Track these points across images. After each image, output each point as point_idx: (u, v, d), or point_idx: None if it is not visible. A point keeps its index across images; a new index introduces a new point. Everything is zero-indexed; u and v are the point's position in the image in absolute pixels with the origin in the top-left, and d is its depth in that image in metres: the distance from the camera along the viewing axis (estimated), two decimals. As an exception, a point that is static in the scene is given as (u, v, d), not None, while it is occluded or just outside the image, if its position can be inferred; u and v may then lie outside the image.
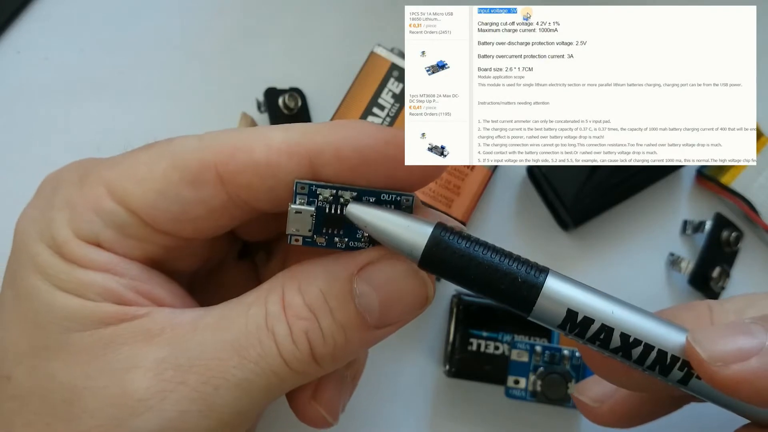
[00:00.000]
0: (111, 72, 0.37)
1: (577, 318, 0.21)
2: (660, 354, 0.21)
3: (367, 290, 0.22)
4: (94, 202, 0.22)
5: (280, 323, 0.22)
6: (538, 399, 0.33)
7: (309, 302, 0.22)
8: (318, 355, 0.22)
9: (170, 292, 0.23)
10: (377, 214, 0.22)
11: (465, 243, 0.21)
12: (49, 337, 0.22)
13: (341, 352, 0.23)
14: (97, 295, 0.22)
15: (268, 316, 0.22)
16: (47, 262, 0.22)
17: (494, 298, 0.22)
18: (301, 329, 0.22)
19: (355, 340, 0.23)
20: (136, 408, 0.21)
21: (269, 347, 0.22)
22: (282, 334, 0.22)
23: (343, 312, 0.22)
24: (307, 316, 0.22)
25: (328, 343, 0.22)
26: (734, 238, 0.36)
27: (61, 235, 0.22)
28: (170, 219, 0.22)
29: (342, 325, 0.22)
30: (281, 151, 0.22)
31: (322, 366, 0.22)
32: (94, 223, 0.22)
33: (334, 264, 0.23)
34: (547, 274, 0.22)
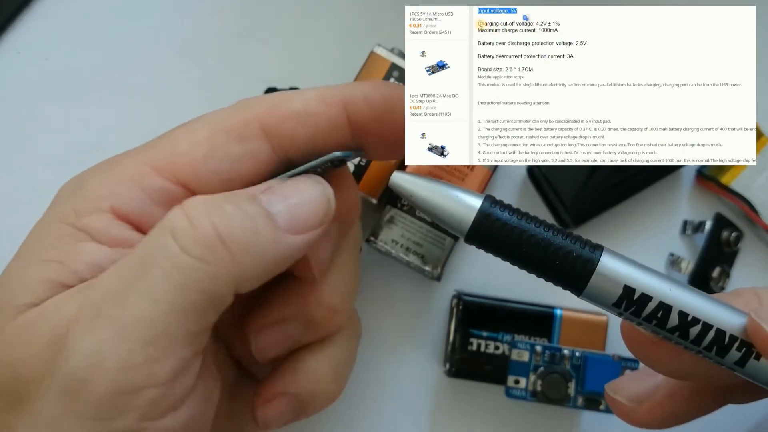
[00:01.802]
0: (111, 72, 0.37)
1: (635, 295, 0.20)
2: (718, 334, 0.20)
3: (273, 198, 0.22)
4: (140, 180, 0.22)
5: (178, 217, 0.20)
6: (538, 399, 0.33)
7: (213, 200, 0.21)
8: (225, 237, 0.20)
9: None
10: (423, 184, 0.21)
11: (516, 216, 0.21)
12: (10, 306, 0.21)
13: (252, 242, 0.21)
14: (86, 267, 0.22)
15: (167, 220, 0.21)
16: (61, 233, 0.22)
17: (546, 274, 0.21)
18: (203, 213, 0.20)
19: (268, 235, 0.21)
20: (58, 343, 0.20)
21: (167, 242, 0.20)
22: (180, 226, 0.20)
23: (250, 204, 0.21)
24: (209, 209, 0.21)
25: (234, 222, 0.20)
26: (734, 238, 0.36)
27: (88, 205, 0.22)
28: (220, 180, 0.23)
29: (250, 214, 0.21)
30: (318, 101, 0.23)
31: (234, 255, 0.20)
32: (140, 200, 0.22)
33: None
34: (602, 250, 0.21)
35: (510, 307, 0.34)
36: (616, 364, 0.33)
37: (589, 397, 0.33)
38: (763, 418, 0.34)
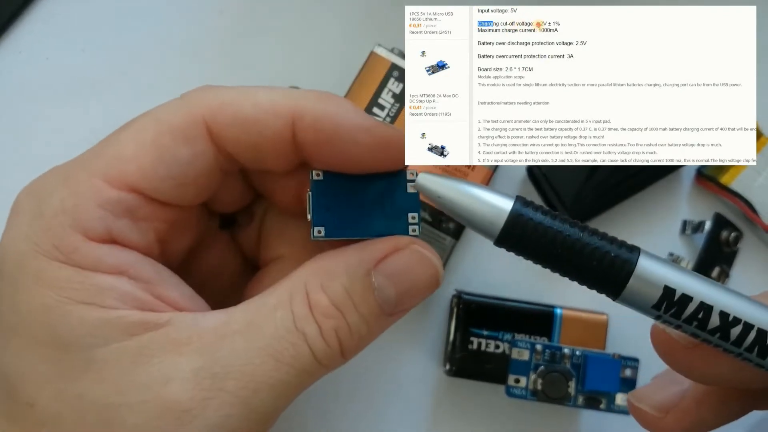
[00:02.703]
0: (112, 72, 0.37)
1: (675, 296, 0.20)
2: (760, 334, 0.20)
3: (384, 283, 0.23)
4: (95, 195, 0.22)
5: (309, 324, 0.22)
6: (538, 398, 0.33)
7: (334, 301, 0.23)
8: (345, 349, 0.23)
9: (182, 293, 0.23)
10: (451, 186, 0.21)
11: (549, 218, 0.20)
12: (72, 356, 0.21)
13: (364, 342, 0.24)
14: (116, 301, 0.21)
15: (296, 318, 0.22)
16: (56, 275, 0.21)
17: (582, 277, 0.20)
18: (331, 327, 0.23)
19: (376, 330, 0.24)
20: (182, 418, 0.21)
21: (302, 348, 0.22)
22: (312, 334, 0.22)
23: (366, 305, 0.23)
24: (334, 314, 0.23)
25: (354, 336, 0.23)
26: (734, 238, 0.36)
27: (67, 241, 0.21)
28: (173, 185, 0.23)
29: (365, 318, 0.23)
30: (267, 110, 0.23)
31: (346, 358, 0.23)
32: (103, 217, 0.22)
33: (353, 257, 0.23)
34: (639, 251, 0.20)
35: (510, 306, 0.34)
36: (616, 362, 0.33)
37: (590, 396, 0.33)
38: (763, 418, 0.34)
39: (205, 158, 0.23)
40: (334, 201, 0.23)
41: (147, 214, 0.23)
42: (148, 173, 0.22)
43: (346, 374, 0.35)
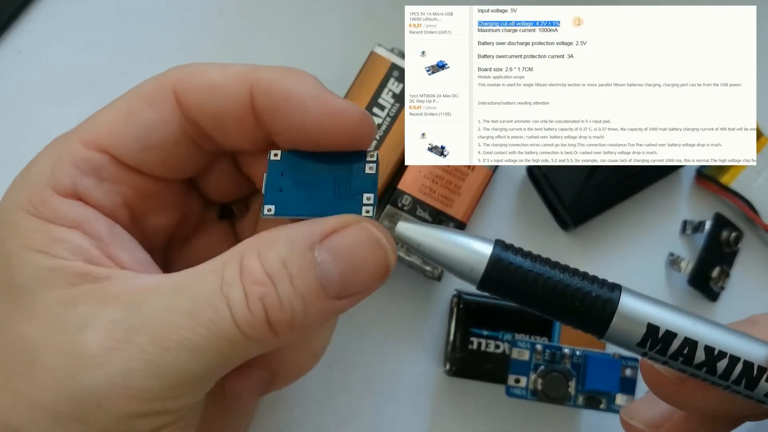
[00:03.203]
0: (112, 72, 0.37)
1: (659, 332, 0.20)
2: (746, 366, 0.20)
3: (328, 259, 0.22)
4: (70, 154, 0.23)
5: (235, 289, 0.21)
6: (539, 398, 0.33)
7: (268, 268, 0.22)
8: (274, 322, 0.22)
9: (135, 257, 0.24)
10: (430, 233, 0.21)
11: (529, 260, 0.20)
12: (19, 298, 0.22)
13: (299, 320, 0.22)
14: (66, 252, 0.22)
15: (224, 282, 0.22)
16: (24, 226, 0.23)
17: (564, 318, 0.20)
18: (257, 294, 0.21)
19: (315, 310, 0.22)
20: (87, 364, 0.21)
21: (222, 311, 0.21)
22: (236, 299, 0.21)
23: (303, 280, 0.22)
24: (264, 281, 0.21)
25: (286, 310, 0.22)
26: (734, 238, 0.36)
27: (39, 194, 0.23)
28: (138, 148, 0.24)
29: (301, 293, 0.22)
30: (229, 77, 0.23)
31: (278, 335, 0.22)
32: (72, 174, 0.23)
33: (297, 230, 0.22)
34: (621, 289, 0.20)
35: (510, 306, 0.34)
36: (616, 362, 0.33)
37: (590, 395, 0.33)
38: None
39: (171, 123, 0.24)
40: (290, 180, 0.23)
41: (113, 176, 0.24)
42: (118, 134, 0.23)
43: (346, 374, 0.35)
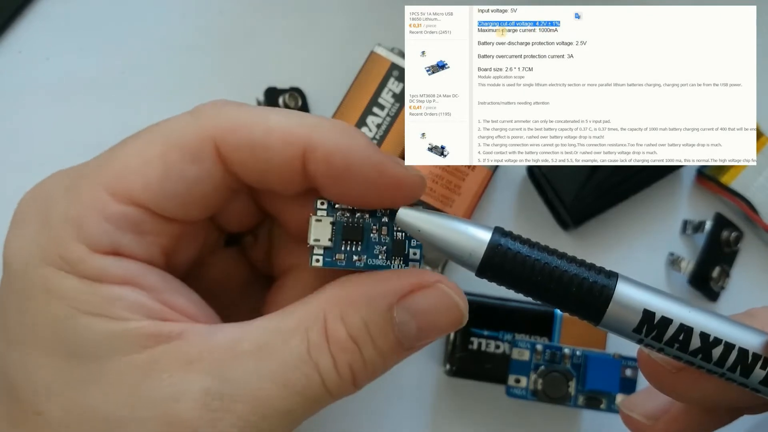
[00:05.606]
0: (111, 72, 0.37)
1: (655, 319, 0.20)
2: (741, 353, 0.20)
3: (407, 319, 0.22)
4: (100, 208, 0.21)
5: (324, 355, 0.22)
6: (539, 398, 0.33)
7: (352, 333, 0.22)
8: (358, 381, 0.23)
9: (189, 299, 0.23)
10: (430, 220, 0.21)
11: (527, 247, 0.20)
12: (82, 367, 0.21)
13: (378, 374, 0.23)
14: (125, 312, 0.21)
15: (311, 347, 0.22)
16: (64, 286, 0.21)
17: (562, 304, 0.21)
18: (345, 361, 0.22)
19: (392, 363, 0.23)
20: None
21: (314, 379, 0.22)
22: (326, 366, 0.22)
23: (384, 340, 0.23)
24: (351, 348, 0.22)
25: (369, 369, 0.23)
26: (734, 238, 0.36)
27: (73, 252, 0.21)
28: (178, 203, 0.22)
29: (382, 353, 0.23)
30: (278, 138, 0.22)
31: (358, 387, 0.23)
32: (108, 231, 0.21)
33: (375, 289, 0.23)
34: (617, 276, 0.21)
35: (510, 306, 0.34)
36: (616, 362, 0.33)
37: (590, 395, 0.33)
38: (763, 419, 0.34)
39: (213, 178, 0.23)
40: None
41: (152, 229, 0.22)
42: (153, 189, 0.22)
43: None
